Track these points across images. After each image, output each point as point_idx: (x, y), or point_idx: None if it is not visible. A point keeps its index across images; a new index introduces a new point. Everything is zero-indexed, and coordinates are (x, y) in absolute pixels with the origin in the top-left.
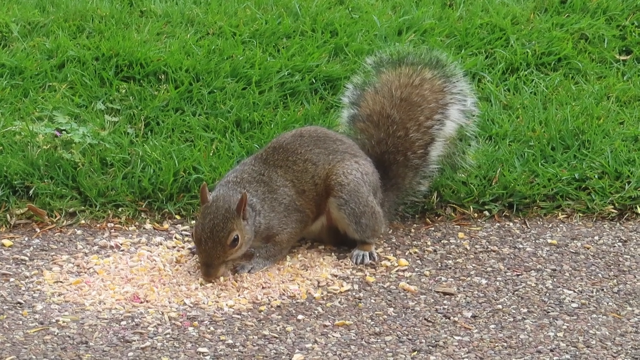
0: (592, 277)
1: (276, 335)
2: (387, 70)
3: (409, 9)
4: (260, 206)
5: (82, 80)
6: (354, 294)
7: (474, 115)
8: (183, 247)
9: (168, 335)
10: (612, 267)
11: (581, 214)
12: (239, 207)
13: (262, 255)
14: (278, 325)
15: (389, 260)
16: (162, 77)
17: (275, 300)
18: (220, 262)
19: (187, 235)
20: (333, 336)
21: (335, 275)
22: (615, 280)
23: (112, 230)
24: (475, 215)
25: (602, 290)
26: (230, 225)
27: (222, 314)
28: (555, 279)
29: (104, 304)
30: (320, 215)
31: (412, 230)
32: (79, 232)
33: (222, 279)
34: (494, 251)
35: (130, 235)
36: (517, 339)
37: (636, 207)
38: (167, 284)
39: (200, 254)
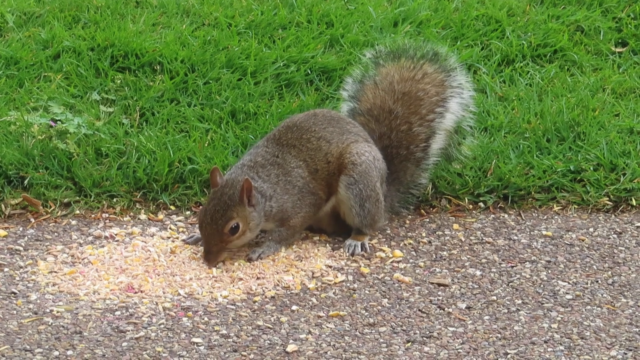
0: (587, 269)
1: (270, 326)
2: (386, 64)
3: (405, 0)
4: (273, 190)
5: (78, 71)
6: (348, 284)
7: (470, 109)
8: (177, 238)
9: (162, 326)
10: (606, 259)
11: (576, 206)
12: (241, 195)
13: (274, 239)
14: (272, 316)
15: (383, 251)
16: (158, 67)
17: (270, 291)
18: (219, 248)
19: (181, 226)
20: (327, 327)
21: (330, 266)
22: (609, 272)
23: (107, 221)
24: (470, 206)
25: (597, 282)
26: (230, 213)
27: (216, 304)
28: (549, 271)
29: (98, 294)
30: (332, 196)
31: (407, 221)
32: (73, 222)
33: (215, 270)
34: (488, 243)
35: (124, 225)
36: (512, 330)
37: (631, 199)
38: (162, 274)
39: (202, 239)
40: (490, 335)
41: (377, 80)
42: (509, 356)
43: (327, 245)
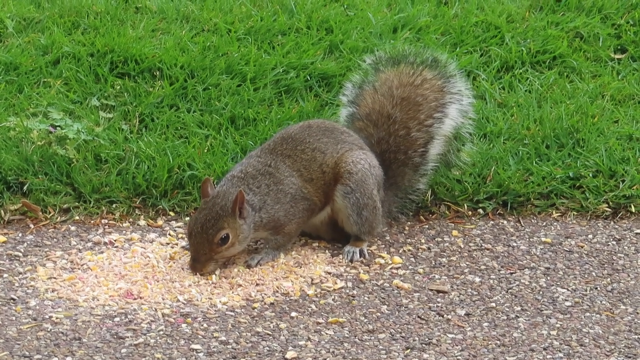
0: (586, 276)
1: (269, 332)
2: (385, 69)
3: (404, 6)
4: (262, 202)
5: (77, 77)
6: (347, 291)
7: (469, 116)
8: (177, 244)
9: (161, 332)
10: (605, 265)
11: (575, 213)
12: (233, 207)
13: (272, 246)
14: (271, 323)
15: (382, 257)
16: (157, 73)
17: (269, 297)
18: (208, 258)
19: (181, 232)
20: (326, 333)
21: (329, 273)
22: (608, 279)
23: (106, 227)
24: (470, 213)
25: (596, 288)
26: (221, 223)
27: (215, 310)
28: (549, 277)
29: (98, 300)
30: (327, 205)
31: (406, 227)
32: (72, 228)
33: (214, 276)
34: (487, 249)
35: (124, 231)
36: (511, 337)
37: (630, 206)
38: (161, 280)
39: (190, 247)
40: (490, 342)
41: (376, 86)
42: None
43: (326, 251)
